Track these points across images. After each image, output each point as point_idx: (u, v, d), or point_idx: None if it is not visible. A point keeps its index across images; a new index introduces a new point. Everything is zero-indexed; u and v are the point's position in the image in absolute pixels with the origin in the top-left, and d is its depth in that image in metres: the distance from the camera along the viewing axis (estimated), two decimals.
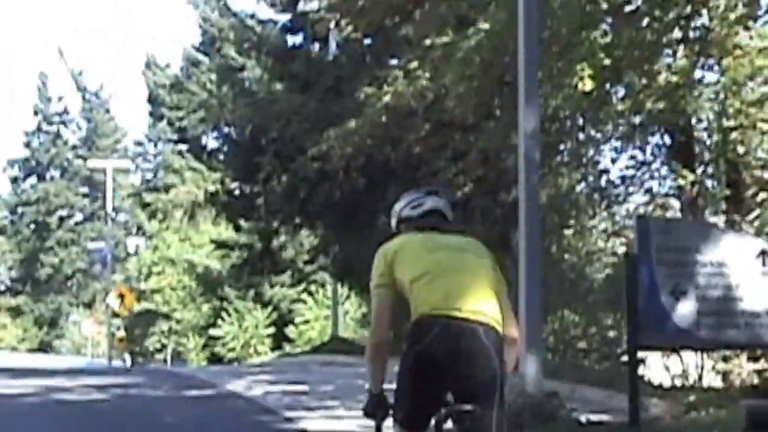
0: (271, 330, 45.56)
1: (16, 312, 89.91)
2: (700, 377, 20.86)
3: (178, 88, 48.21)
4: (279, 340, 45.39)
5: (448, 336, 5.41)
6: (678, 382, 18.53)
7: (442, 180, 25.58)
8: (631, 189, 23.47)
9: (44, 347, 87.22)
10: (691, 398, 14.70)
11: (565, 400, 13.53)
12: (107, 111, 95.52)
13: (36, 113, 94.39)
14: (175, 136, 50.03)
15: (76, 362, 70.80)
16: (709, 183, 21.82)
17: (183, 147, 49.99)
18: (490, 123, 25.35)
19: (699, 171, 21.09)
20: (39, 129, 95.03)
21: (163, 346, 49.97)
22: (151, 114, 49.58)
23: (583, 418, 13.11)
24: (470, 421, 5.41)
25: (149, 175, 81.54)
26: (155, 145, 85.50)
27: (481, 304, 5.55)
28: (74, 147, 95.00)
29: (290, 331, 44.76)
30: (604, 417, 13.82)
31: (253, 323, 45.40)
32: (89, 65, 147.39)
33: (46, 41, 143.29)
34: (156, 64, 49.73)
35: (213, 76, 47.40)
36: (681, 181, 20.38)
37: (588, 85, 16.56)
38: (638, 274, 12.40)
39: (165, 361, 49.19)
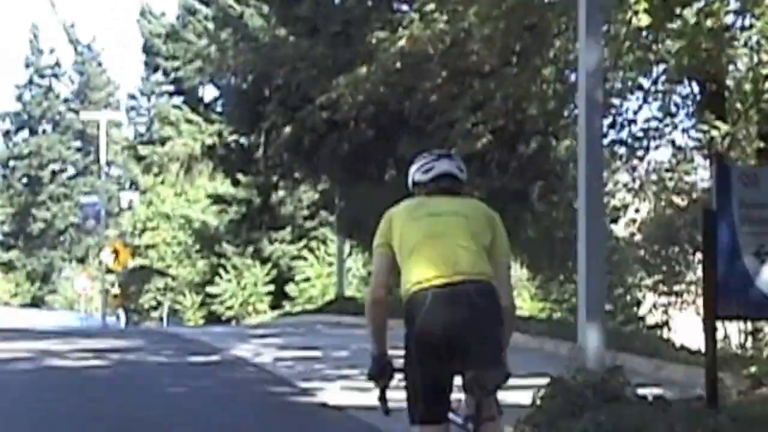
0: (271, 288, 43.99)
1: (8, 267, 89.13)
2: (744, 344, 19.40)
3: (174, 38, 46.37)
4: (279, 298, 43.84)
5: (441, 304, 5.37)
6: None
7: (458, 130, 23.89)
8: (654, 142, 22.10)
9: (36, 302, 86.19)
10: (752, 369, 13.19)
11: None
12: (99, 64, 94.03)
13: (27, 66, 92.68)
14: (170, 88, 48.22)
15: (69, 318, 70.43)
16: (740, 135, 20.60)
17: (179, 99, 48.30)
18: (512, 69, 23.68)
19: (730, 122, 19.65)
20: (30, 82, 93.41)
21: (159, 304, 48.35)
22: (146, 64, 47.71)
23: (649, 395, 11.44)
24: (477, 366, 5.39)
25: (143, 129, 79.45)
26: (149, 99, 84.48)
27: (467, 264, 5.48)
28: (66, 100, 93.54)
29: (290, 288, 43.25)
30: (662, 392, 12.22)
31: (252, 281, 43.85)
32: (81, 16, 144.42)
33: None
34: (151, 13, 47.88)
35: (210, 25, 45.69)
36: (713, 133, 18.83)
37: (643, 20, 14.92)
38: (716, 233, 10.68)
39: (161, 319, 47.61)
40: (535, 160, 26.55)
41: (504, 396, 5.68)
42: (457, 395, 5.57)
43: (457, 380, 5.50)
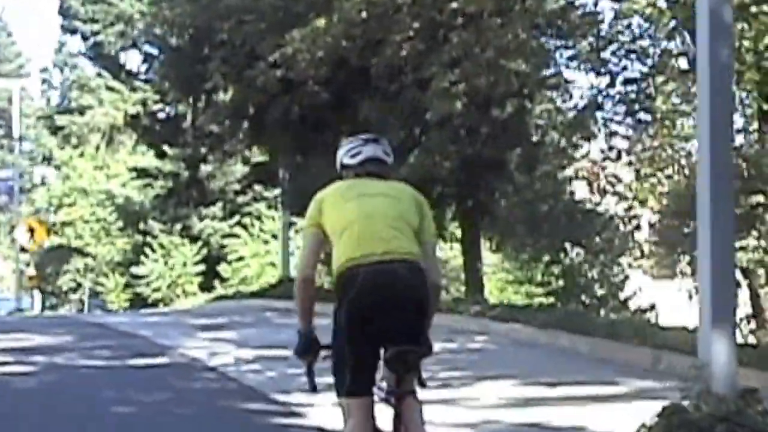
0: (201, 267, 40.36)
1: None
2: None
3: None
4: (210, 279, 40.20)
5: (371, 280, 5.43)
6: None
7: (434, 90, 20.60)
8: None
9: None
10: None
11: None
12: (9, 35, 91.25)
13: None
14: (89, 54, 44.36)
15: None
16: None
17: (98, 66, 44.53)
18: (495, 19, 20.51)
19: None
20: None
21: (79, 285, 44.45)
22: (62, 28, 43.71)
23: None
24: (402, 341, 5.42)
25: (58, 101, 75.56)
26: (62, 71, 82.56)
27: (395, 243, 5.53)
28: None
29: (223, 269, 39.60)
30: None
31: (181, 260, 40.19)
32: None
33: None
34: None
35: None
36: None
37: None
38: None
39: (81, 301, 43.78)
40: (509, 126, 23.36)
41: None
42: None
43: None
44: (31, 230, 43.28)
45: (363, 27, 20.72)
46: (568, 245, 23.80)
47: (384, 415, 5.57)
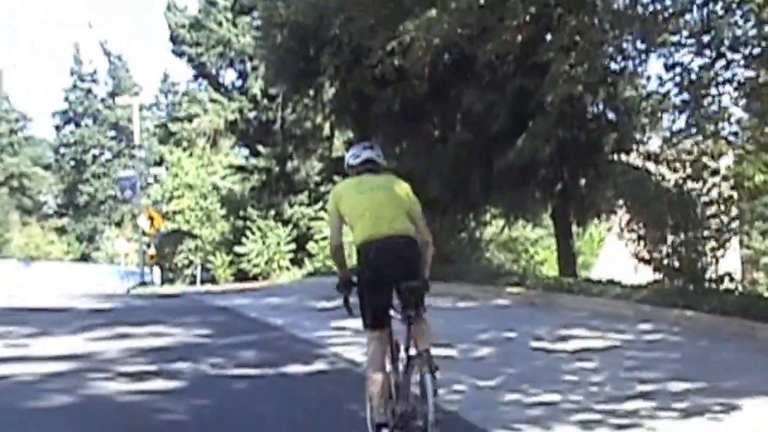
0: (292, 246, 35.09)
1: (61, 231, 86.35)
2: None
3: (198, 27, 37.26)
4: (300, 255, 34.99)
5: (382, 250, 5.52)
6: None
7: (554, 74, 15.06)
8: None
9: (85, 258, 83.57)
10: None
11: None
12: (127, 71, 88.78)
13: (72, 74, 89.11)
14: (195, 72, 38.99)
15: (111, 270, 64.82)
16: None
17: (202, 82, 39.31)
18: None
19: None
20: (74, 86, 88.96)
21: (190, 262, 39.31)
22: (172, 52, 38.26)
23: None
24: (410, 292, 5.46)
25: (169, 112, 70.98)
26: (166, 96, 79.72)
27: (397, 224, 5.62)
28: (102, 100, 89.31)
29: (311, 247, 34.29)
30: None
31: (275, 240, 34.86)
32: (114, 30, 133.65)
33: (78, 15, 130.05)
34: (176, 7, 38.48)
35: (229, 15, 36.77)
36: None
37: None
38: None
39: (193, 275, 38.56)
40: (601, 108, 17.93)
41: None
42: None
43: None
44: (151, 218, 38.73)
45: (478, 14, 15.22)
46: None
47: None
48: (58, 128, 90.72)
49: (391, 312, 5.61)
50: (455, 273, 19.24)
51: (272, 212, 35.62)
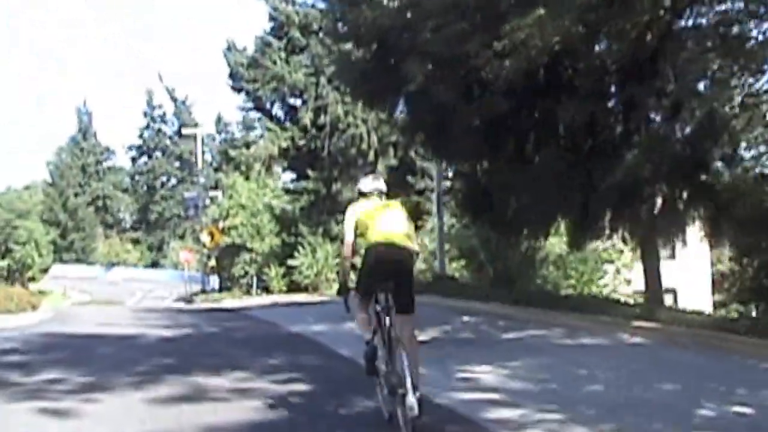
0: (339, 260, 29.98)
1: (135, 242, 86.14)
2: None
3: (255, 65, 32.11)
4: None
5: (383, 252, 5.42)
6: None
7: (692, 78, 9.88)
8: None
9: (154, 263, 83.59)
10: None
11: None
12: (190, 113, 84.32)
13: (145, 115, 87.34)
14: (251, 105, 33.77)
15: (176, 275, 62.14)
16: None
17: (257, 114, 34.13)
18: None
19: None
20: (147, 126, 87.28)
21: (246, 273, 33.97)
22: (232, 87, 33.10)
23: None
24: (399, 287, 5.35)
25: (227, 139, 66.48)
26: (219, 133, 75.72)
27: (396, 237, 5.47)
28: (170, 137, 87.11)
29: (357, 261, 29.08)
30: None
31: (324, 255, 29.64)
32: (181, 80, 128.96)
33: (152, 66, 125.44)
34: (235, 48, 33.31)
35: (283, 54, 31.63)
36: None
37: None
38: None
39: (249, 284, 33.25)
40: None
41: None
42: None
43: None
44: (211, 234, 33.71)
45: (596, 13, 10.09)
46: None
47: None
48: (134, 159, 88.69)
49: (378, 307, 5.47)
50: (526, 296, 14.11)
51: (321, 229, 30.41)
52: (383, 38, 13.02)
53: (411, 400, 4.87)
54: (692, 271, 29.43)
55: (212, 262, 34.76)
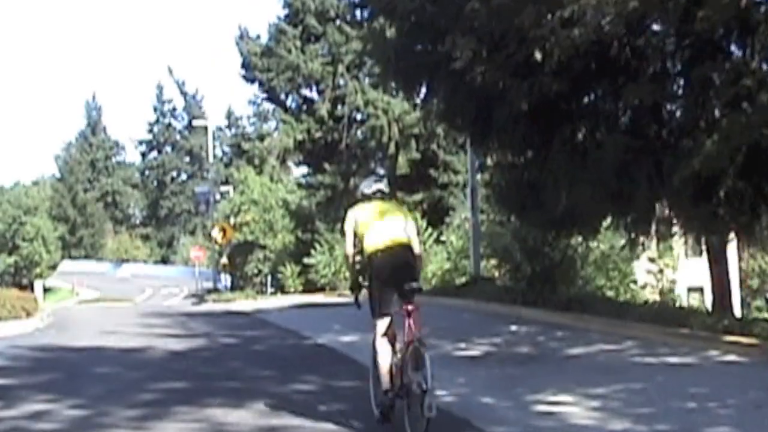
0: (357, 258, 28.41)
1: (145, 238, 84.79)
2: None
3: (269, 54, 30.58)
4: None
5: (386, 257, 5.45)
6: None
7: None
8: None
9: (164, 260, 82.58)
10: None
11: None
12: (200, 107, 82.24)
13: (155, 110, 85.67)
14: (266, 96, 32.22)
15: (186, 272, 60.25)
16: None
17: (271, 104, 32.54)
18: None
19: None
20: (157, 121, 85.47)
21: (260, 271, 32.50)
22: (244, 78, 31.56)
23: None
24: (410, 291, 5.33)
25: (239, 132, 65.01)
26: (230, 128, 73.83)
27: (398, 238, 5.51)
28: (180, 131, 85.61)
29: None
30: None
31: (342, 253, 28.21)
32: (190, 71, 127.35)
33: (161, 59, 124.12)
34: (248, 36, 31.74)
35: (298, 43, 30.09)
36: None
37: None
38: None
39: (262, 283, 31.79)
40: None
41: None
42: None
43: None
44: (223, 230, 32.20)
45: None
46: None
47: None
48: (143, 155, 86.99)
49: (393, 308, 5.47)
50: (579, 302, 12.56)
51: (339, 226, 28.84)
52: (421, 11, 11.43)
53: (429, 400, 4.86)
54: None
55: (224, 260, 33.31)
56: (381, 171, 30.35)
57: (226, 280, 37.04)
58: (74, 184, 78.03)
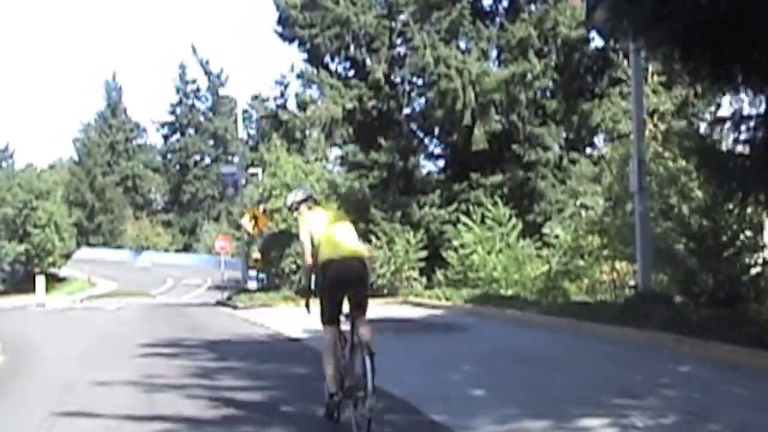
0: (423, 254, 22.63)
1: (167, 224, 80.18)
2: None
3: (311, 6, 24.86)
4: (432, 265, 22.39)
5: (341, 267, 5.55)
6: None
7: None
8: None
9: (186, 248, 78.32)
10: None
11: None
12: (222, 85, 78.24)
13: (177, 91, 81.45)
14: (307, 56, 26.40)
15: (211, 261, 57.01)
16: None
17: (315, 67, 26.68)
18: None
19: None
20: (180, 102, 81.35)
21: (298, 268, 26.91)
22: (280, 35, 25.85)
23: None
24: (358, 297, 5.58)
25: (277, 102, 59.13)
26: (257, 111, 67.75)
27: (353, 247, 5.68)
28: (203, 113, 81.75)
29: (448, 255, 21.52)
30: None
31: (403, 247, 22.46)
32: (215, 50, 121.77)
33: (184, 38, 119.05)
34: None
35: None
36: None
37: None
38: None
39: (300, 282, 26.12)
40: None
41: None
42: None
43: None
44: (255, 218, 26.60)
45: None
46: None
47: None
48: (165, 137, 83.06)
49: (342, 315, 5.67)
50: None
51: (399, 213, 23.20)
52: None
53: (370, 402, 5.07)
54: None
55: (256, 254, 27.82)
56: (438, 150, 24.63)
57: (258, 276, 31.52)
58: (92, 167, 73.40)
